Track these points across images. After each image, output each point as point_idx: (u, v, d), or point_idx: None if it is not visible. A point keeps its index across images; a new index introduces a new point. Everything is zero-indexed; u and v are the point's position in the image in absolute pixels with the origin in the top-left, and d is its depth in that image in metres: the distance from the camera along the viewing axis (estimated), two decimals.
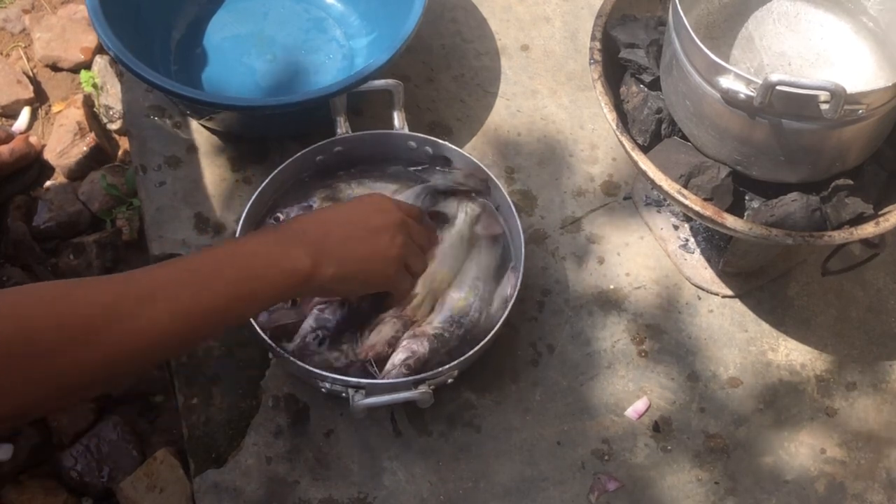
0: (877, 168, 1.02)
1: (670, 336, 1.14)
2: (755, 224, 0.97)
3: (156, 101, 1.28)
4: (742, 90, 0.90)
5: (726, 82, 0.91)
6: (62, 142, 1.46)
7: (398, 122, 1.16)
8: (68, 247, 1.38)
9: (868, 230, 0.96)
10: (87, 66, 1.55)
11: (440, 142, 1.14)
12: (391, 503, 1.03)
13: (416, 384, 0.99)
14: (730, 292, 1.17)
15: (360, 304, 1.05)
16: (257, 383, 1.09)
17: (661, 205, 1.21)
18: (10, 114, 1.52)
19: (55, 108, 1.52)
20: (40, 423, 1.25)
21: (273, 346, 1.00)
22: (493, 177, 1.12)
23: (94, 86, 1.51)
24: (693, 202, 0.97)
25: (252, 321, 1.00)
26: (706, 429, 1.09)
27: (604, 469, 1.06)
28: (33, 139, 1.46)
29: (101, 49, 1.52)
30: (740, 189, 1.03)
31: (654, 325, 1.15)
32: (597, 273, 1.18)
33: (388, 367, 1.00)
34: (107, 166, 1.46)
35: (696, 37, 0.92)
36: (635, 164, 1.01)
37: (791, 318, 1.17)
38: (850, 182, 1.00)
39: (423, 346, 1.01)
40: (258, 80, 1.28)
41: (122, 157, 1.49)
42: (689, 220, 1.20)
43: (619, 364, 1.12)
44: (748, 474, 1.07)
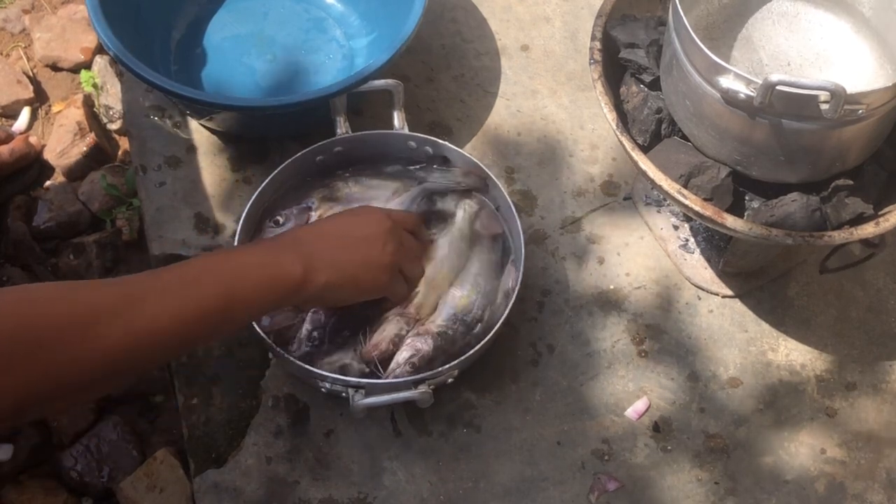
0: (877, 168, 1.02)
1: (670, 336, 1.14)
2: (755, 224, 0.97)
3: (156, 101, 1.28)
4: (742, 90, 0.90)
5: (726, 82, 0.91)
6: (62, 142, 1.46)
7: (398, 122, 1.16)
8: (68, 247, 1.38)
9: (868, 230, 0.96)
10: (87, 66, 1.55)
11: (440, 142, 1.14)
12: (391, 503, 1.03)
13: (416, 384, 0.98)
14: (730, 292, 1.17)
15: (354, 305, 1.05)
16: (257, 383, 1.09)
17: (661, 205, 1.21)
18: (10, 114, 1.51)
19: (55, 108, 1.52)
20: (40, 424, 1.25)
21: (273, 345, 1.00)
22: (493, 176, 1.12)
23: (94, 86, 1.51)
24: (693, 202, 0.97)
25: (254, 325, 1.00)
26: (706, 429, 1.09)
27: (604, 469, 1.06)
28: (33, 139, 1.46)
29: (101, 49, 1.52)
30: (740, 189, 1.03)
31: (654, 325, 1.15)
32: (597, 273, 1.18)
33: (393, 365, 1.00)
34: (107, 166, 1.46)
35: (696, 37, 0.92)
36: (635, 164, 1.01)
37: (791, 318, 1.17)
38: (850, 182, 1.00)
39: (427, 343, 1.01)
40: (258, 80, 1.28)
41: (122, 157, 1.49)
42: (689, 220, 1.20)
43: (619, 364, 1.12)
44: (748, 474, 1.07)
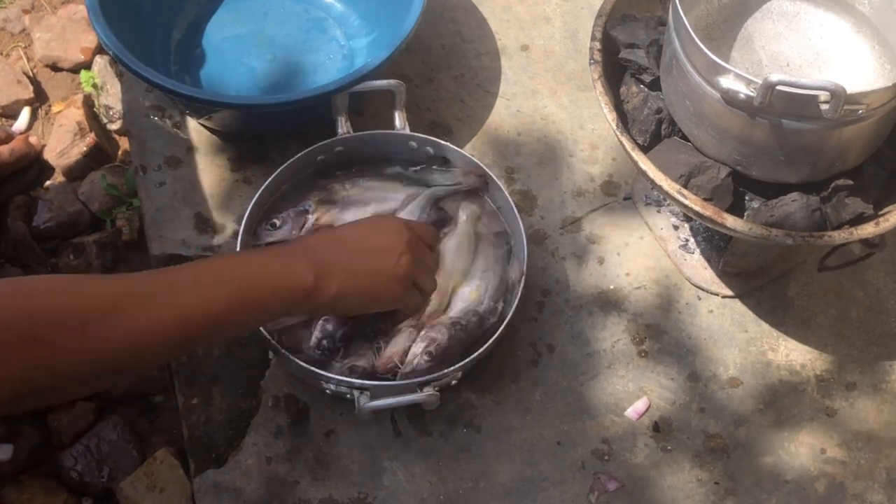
0: (877, 168, 1.02)
1: (670, 336, 1.14)
2: (755, 224, 0.97)
3: (156, 101, 1.28)
4: (742, 90, 0.90)
5: (726, 82, 0.91)
6: (62, 142, 1.46)
7: (399, 122, 1.16)
8: (68, 247, 1.38)
9: (868, 230, 0.96)
10: (87, 66, 1.55)
11: (441, 142, 1.14)
12: (391, 503, 1.03)
13: (421, 386, 0.98)
14: (730, 292, 1.17)
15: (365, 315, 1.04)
16: (257, 383, 1.09)
17: (661, 205, 1.21)
18: (10, 114, 1.51)
19: (55, 108, 1.52)
20: (40, 423, 1.25)
21: (277, 347, 1.00)
22: (493, 176, 1.12)
23: (94, 86, 1.51)
24: (693, 202, 0.97)
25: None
26: (706, 429, 1.09)
27: (604, 469, 1.06)
28: (33, 139, 1.46)
29: (101, 49, 1.52)
30: (740, 189, 1.03)
31: (654, 325, 1.15)
32: (597, 273, 1.18)
33: (409, 357, 1.00)
34: (107, 166, 1.46)
35: (696, 37, 0.92)
36: (635, 164, 1.01)
37: (791, 318, 1.17)
38: (850, 182, 1.00)
39: (442, 333, 1.01)
40: (258, 79, 1.28)
41: (122, 157, 1.49)
42: (689, 220, 1.20)
43: (619, 364, 1.12)
44: (748, 474, 1.07)
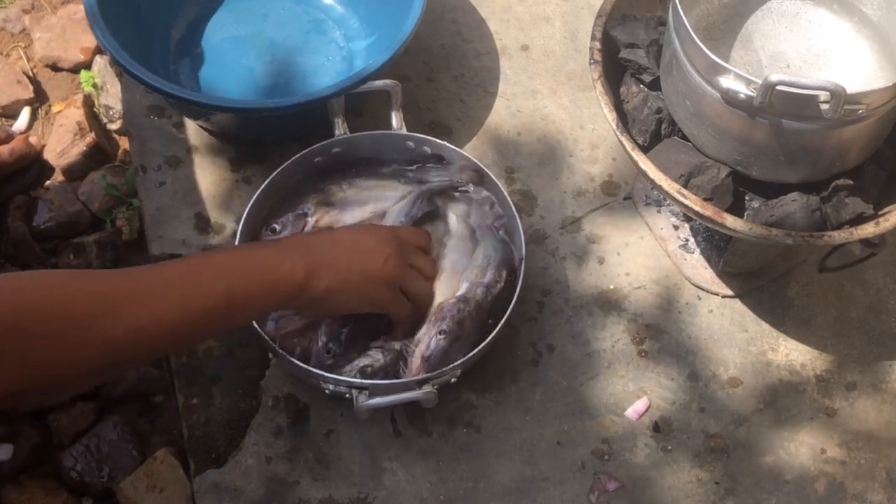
0: (877, 168, 1.02)
1: (670, 336, 1.14)
2: (755, 224, 0.97)
3: (156, 101, 1.28)
4: (742, 90, 0.90)
5: (726, 82, 0.91)
6: (62, 142, 1.46)
7: (396, 122, 1.16)
8: (68, 247, 1.38)
9: (868, 230, 0.96)
10: (87, 66, 1.55)
11: (439, 141, 1.14)
12: (391, 503, 1.03)
13: (419, 384, 0.98)
14: (730, 292, 1.17)
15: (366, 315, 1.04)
16: (257, 383, 1.09)
17: (661, 205, 1.21)
18: (10, 114, 1.52)
19: (55, 108, 1.52)
20: (40, 423, 1.25)
21: (275, 347, 1.00)
22: (492, 176, 1.12)
23: (94, 86, 1.51)
24: (693, 202, 0.97)
25: (254, 323, 1.00)
26: (706, 429, 1.09)
27: (604, 469, 1.06)
28: (33, 139, 1.46)
29: (101, 49, 1.52)
30: (740, 189, 1.03)
31: (654, 325, 1.15)
32: (597, 273, 1.18)
33: (426, 339, 1.01)
34: (107, 166, 1.46)
35: (696, 37, 0.91)
36: (635, 164, 1.01)
37: (791, 318, 1.17)
38: (850, 182, 1.00)
39: (449, 310, 1.02)
40: (257, 81, 1.27)
41: (122, 157, 1.49)
42: (689, 220, 1.20)
43: (619, 364, 1.12)
44: (748, 474, 1.07)
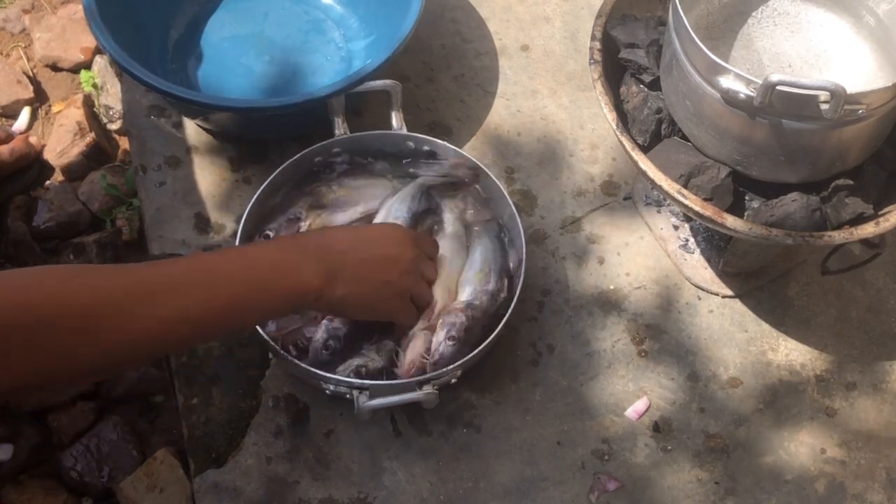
0: (877, 168, 1.02)
1: (670, 336, 1.14)
2: (755, 224, 0.97)
3: (156, 100, 1.28)
4: (742, 90, 0.90)
5: (726, 82, 0.91)
6: (62, 142, 1.46)
7: (396, 122, 1.16)
8: (68, 247, 1.38)
9: (868, 230, 0.96)
10: (87, 66, 1.55)
11: (439, 141, 1.14)
12: (391, 503, 1.03)
13: (420, 385, 0.98)
14: (730, 292, 1.17)
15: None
16: (257, 383, 1.09)
17: (661, 205, 1.21)
18: (10, 114, 1.52)
19: (55, 108, 1.52)
20: (40, 423, 1.25)
21: (277, 349, 1.00)
22: (493, 175, 1.12)
23: (94, 86, 1.51)
24: (693, 202, 0.97)
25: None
26: (706, 429, 1.09)
27: (604, 469, 1.06)
28: (33, 139, 1.46)
29: (101, 49, 1.52)
30: (740, 189, 1.03)
31: (654, 325, 1.15)
32: (597, 273, 1.18)
33: (434, 345, 1.00)
34: (107, 166, 1.46)
35: (696, 37, 0.91)
36: (635, 164, 1.01)
37: (791, 318, 1.17)
38: (850, 182, 1.00)
39: (458, 316, 1.01)
40: (256, 80, 1.27)
41: (122, 157, 1.49)
42: (689, 220, 1.20)
43: (619, 364, 1.12)
44: (748, 474, 1.07)
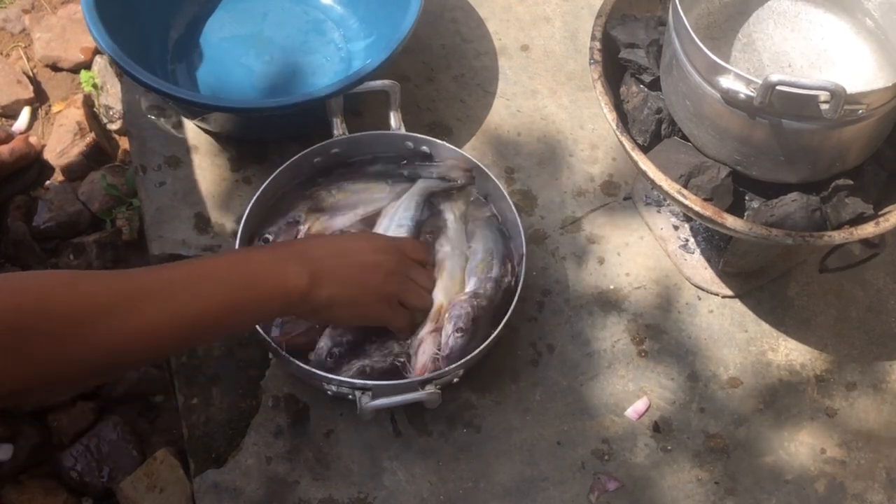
0: (877, 168, 1.02)
1: (670, 336, 1.14)
2: (755, 224, 0.97)
3: (156, 100, 1.28)
4: (742, 90, 0.90)
5: (726, 82, 0.91)
6: (62, 142, 1.46)
7: (394, 122, 1.16)
8: (68, 247, 1.38)
9: (868, 230, 0.96)
10: (87, 66, 1.55)
11: (438, 141, 1.14)
12: (391, 503, 1.03)
13: (423, 384, 0.98)
14: (730, 292, 1.17)
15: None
16: (257, 383, 1.09)
17: (661, 205, 1.21)
18: (10, 114, 1.52)
19: (55, 108, 1.52)
20: (40, 423, 1.25)
21: (277, 349, 1.00)
22: (493, 176, 1.12)
23: (94, 86, 1.51)
24: (693, 202, 0.97)
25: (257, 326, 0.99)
26: (706, 429, 1.09)
27: (604, 469, 1.06)
28: (33, 139, 1.46)
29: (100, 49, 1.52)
30: (740, 189, 1.03)
31: (654, 325, 1.15)
32: (597, 273, 1.18)
33: (443, 340, 1.00)
34: (107, 166, 1.46)
35: (696, 37, 0.91)
36: (635, 164, 1.01)
37: (791, 318, 1.17)
38: (850, 182, 1.00)
39: (463, 307, 1.01)
40: (255, 80, 1.27)
41: (122, 157, 1.49)
42: (689, 220, 1.20)
43: (619, 364, 1.12)
44: (748, 474, 1.07)
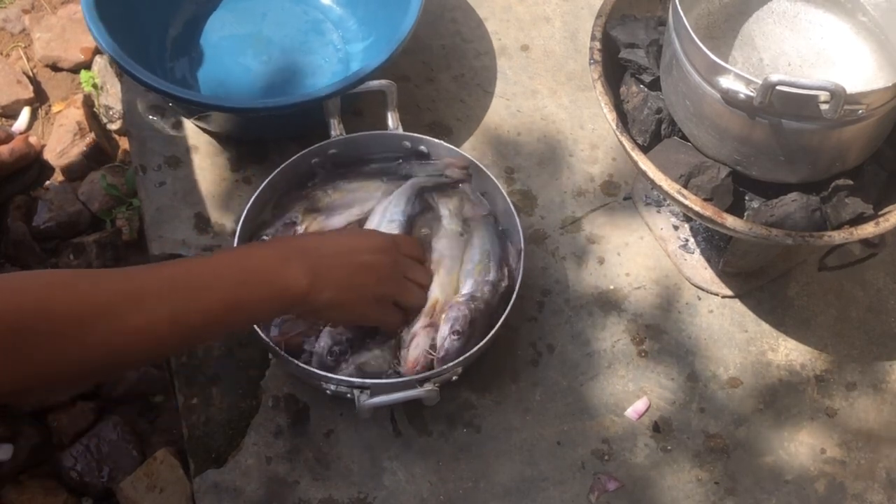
0: (877, 168, 1.02)
1: (670, 336, 1.14)
2: (755, 224, 0.97)
3: (156, 101, 1.28)
4: (742, 90, 0.90)
5: (726, 82, 0.91)
6: (62, 142, 1.46)
7: (392, 122, 1.16)
8: (68, 247, 1.38)
9: (868, 230, 0.96)
10: (87, 66, 1.55)
11: (436, 141, 1.14)
12: (391, 503, 1.03)
13: (421, 382, 0.98)
14: (730, 292, 1.17)
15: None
16: (257, 383, 1.09)
17: (661, 205, 1.21)
18: (10, 114, 1.52)
19: (55, 108, 1.52)
20: (40, 423, 1.25)
21: (276, 349, 1.00)
22: (492, 176, 1.12)
23: (94, 86, 1.51)
24: (693, 202, 0.97)
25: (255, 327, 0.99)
26: (706, 429, 1.09)
27: (604, 469, 1.06)
28: (33, 139, 1.46)
29: (100, 49, 1.52)
30: (740, 189, 1.03)
31: (654, 325, 1.15)
32: (597, 273, 1.18)
33: (439, 342, 1.00)
34: (107, 166, 1.46)
35: (696, 37, 0.91)
36: (635, 164, 1.01)
37: (791, 318, 1.17)
38: (850, 182, 1.00)
39: (460, 310, 1.01)
40: (253, 80, 1.27)
41: (122, 157, 1.49)
42: (689, 220, 1.20)
43: (619, 364, 1.12)
44: (748, 474, 1.07)
